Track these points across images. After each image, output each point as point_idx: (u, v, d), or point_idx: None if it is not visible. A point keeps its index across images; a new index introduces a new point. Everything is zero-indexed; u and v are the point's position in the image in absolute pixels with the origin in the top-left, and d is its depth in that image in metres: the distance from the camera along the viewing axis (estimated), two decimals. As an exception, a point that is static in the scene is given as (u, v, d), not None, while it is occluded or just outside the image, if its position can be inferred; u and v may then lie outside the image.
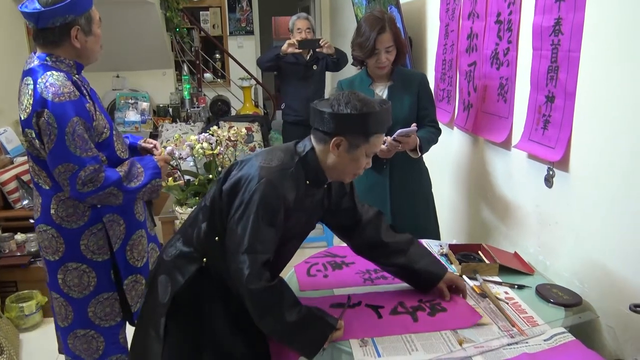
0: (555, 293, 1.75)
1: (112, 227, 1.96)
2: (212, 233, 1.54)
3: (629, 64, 1.55)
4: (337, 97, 1.47)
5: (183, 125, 4.98)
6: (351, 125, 1.45)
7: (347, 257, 2.04)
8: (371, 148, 1.51)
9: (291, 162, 1.51)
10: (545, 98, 1.96)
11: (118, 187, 1.85)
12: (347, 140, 1.47)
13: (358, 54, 2.36)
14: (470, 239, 2.73)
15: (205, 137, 2.99)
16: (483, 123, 2.51)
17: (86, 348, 2.04)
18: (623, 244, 1.61)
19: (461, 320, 1.60)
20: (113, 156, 1.93)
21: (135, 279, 2.06)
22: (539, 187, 2.05)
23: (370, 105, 1.47)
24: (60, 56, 1.84)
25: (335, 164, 1.52)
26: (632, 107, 1.54)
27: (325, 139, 1.49)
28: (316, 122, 1.50)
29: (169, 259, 1.62)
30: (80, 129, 1.77)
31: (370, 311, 1.65)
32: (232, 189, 1.50)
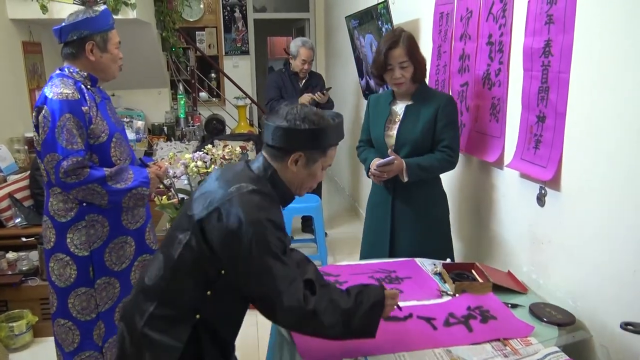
0: (549, 312, 1.75)
1: (93, 226, 2.09)
2: (203, 289, 1.44)
3: (618, 85, 1.57)
4: (291, 112, 1.44)
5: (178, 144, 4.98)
6: (309, 140, 1.44)
7: (340, 276, 2.04)
8: (327, 161, 1.51)
9: (265, 187, 1.46)
10: (536, 118, 1.99)
11: (101, 185, 1.99)
12: (305, 156, 1.46)
13: (373, 69, 2.39)
14: (464, 257, 2.73)
15: (200, 155, 2.98)
16: (476, 143, 2.53)
17: (64, 338, 2.16)
18: (615, 262, 1.61)
19: (515, 331, 1.64)
20: (106, 160, 2.07)
21: (109, 281, 2.16)
22: (531, 206, 2.06)
23: (325, 118, 1.47)
24: (77, 68, 2.08)
25: (292, 180, 1.50)
26: (621, 127, 1.56)
27: (281, 155, 1.46)
28: (271, 138, 1.45)
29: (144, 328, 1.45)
30: (71, 124, 1.94)
31: (424, 323, 1.68)
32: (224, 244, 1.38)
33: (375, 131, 2.46)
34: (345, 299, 1.44)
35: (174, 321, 1.44)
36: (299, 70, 4.16)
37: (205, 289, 1.44)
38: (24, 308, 3.06)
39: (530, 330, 1.63)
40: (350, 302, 1.43)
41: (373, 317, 1.45)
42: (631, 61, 1.52)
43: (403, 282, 2.00)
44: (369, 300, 1.45)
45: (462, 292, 1.89)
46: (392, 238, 2.42)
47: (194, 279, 1.43)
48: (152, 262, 1.53)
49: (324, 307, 1.38)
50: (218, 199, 1.40)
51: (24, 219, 3.24)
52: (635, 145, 1.50)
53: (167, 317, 1.44)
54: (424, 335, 1.61)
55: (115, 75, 2.19)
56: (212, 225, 1.38)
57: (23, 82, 3.87)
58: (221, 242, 1.37)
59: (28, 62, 3.96)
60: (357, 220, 5.16)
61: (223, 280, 1.43)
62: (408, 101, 2.39)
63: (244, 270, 1.37)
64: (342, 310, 1.40)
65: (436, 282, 2.00)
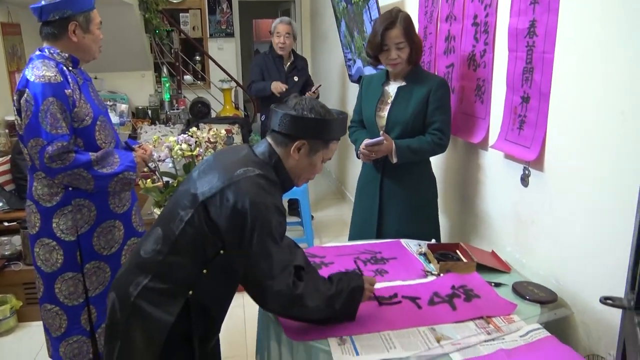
0: (531, 290, 1.77)
1: (80, 211, 2.07)
2: (200, 266, 1.47)
3: (601, 65, 1.58)
4: (300, 102, 1.51)
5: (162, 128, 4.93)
6: (314, 129, 1.50)
7: (326, 257, 2.05)
8: (328, 154, 1.57)
9: (270, 172, 1.50)
10: (520, 99, 1.99)
11: (87, 170, 1.96)
12: (308, 144, 1.50)
13: (368, 49, 2.37)
14: (449, 238, 2.75)
15: (184, 138, 2.96)
16: (461, 124, 2.53)
17: (51, 323, 2.15)
18: (597, 241, 1.63)
19: (498, 309, 1.66)
20: (92, 144, 2.04)
21: (99, 265, 2.15)
22: (515, 186, 2.08)
23: (331, 113, 1.54)
24: (58, 49, 2.03)
25: (292, 168, 1.54)
26: (604, 107, 1.57)
27: (286, 142, 1.51)
28: (277, 124, 1.50)
29: (136, 299, 1.47)
30: (54, 108, 1.90)
31: (409, 303, 1.70)
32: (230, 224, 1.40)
33: (367, 112, 2.46)
34: (328, 285, 1.53)
35: (167, 295, 1.47)
36: (275, 45, 4.12)
37: (202, 267, 1.47)
38: (7, 293, 3.04)
39: (513, 308, 1.66)
40: (332, 288, 1.51)
41: (353, 301, 1.56)
42: (615, 41, 1.52)
43: (388, 262, 2.02)
44: (349, 286, 1.54)
45: (446, 271, 1.91)
46: (380, 217, 2.44)
47: (191, 257, 1.46)
48: (149, 236, 1.54)
49: (310, 293, 1.46)
50: (224, 180, 1.44)
51: (6, 203, 3.20)
52: (618, 125, 1.52)
53: (161, 291, 1.47)
54: (408, 314, 1.63)
55: (95, 56, 2.15)
56: (218, 206, 1.41)
57: (2, 64, 3.79)
58: (227, 221, 1.41)
59: (7, 43, 3.87)
60: (343, 203, 5.18)
61: (220, 260, 1.47)
62: (401, 82, 2.39)
63: (245, 250, 1.41)
64: (325, 296, 1.49)
65: (421, 263, 2.01)
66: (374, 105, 2.41)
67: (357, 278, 1.58)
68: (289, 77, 4.16)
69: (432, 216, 2.50)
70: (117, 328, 1.51)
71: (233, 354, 2.72)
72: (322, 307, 1.49)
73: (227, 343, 2.07)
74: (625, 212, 1.42)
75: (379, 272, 1.92)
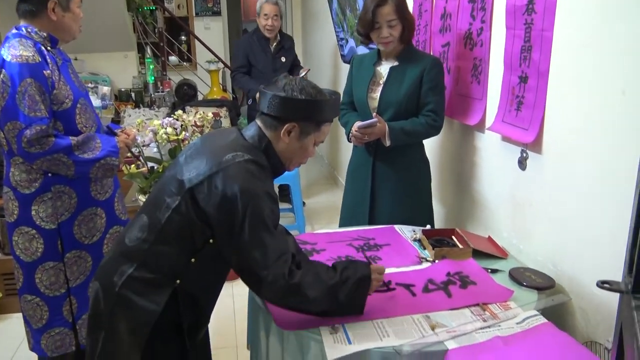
0: (528, 276, 1.79)
1: (60, 198, 2.05)
2: (187, 255, 1.46)
3: (602, 43, 1.58)
4: (290, 83, 1.48)
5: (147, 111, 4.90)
6: (304, 111, 1.48)
7: (317, 244, 2.05)
8: (320, 136, 1.54)
9: (260, 157, 1.48)
10: (518, 79, 1.99)
11: (67, 155, 1.94)
12: (299, 127, 1.49)
13: (359, 27, 2.36)
14: (445, 223, 2.77)
15: (170, 121, 2.94)
16: (457, 105, 2.53)
17: (31, 315, 2.13)
18: (595, 226, 1.65)
19: (494, 295, 1.67)
20: (72, 128, 2.01)
21: (80, 254, 2.14)
22: (512, 170, 2.09)
23: (323, 93, 1.51)
24: (36, 27, 1.99)
25: (283, 152, 1.52)
26: (604, 87, 1.58)
27: (275, 125, 1.49)
28: (267, 106, 1.48)
29: (121, 289, 1.46)
30: (32, 90, 1.87)
31: (403, 290, 1.70)
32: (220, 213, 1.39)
33: (358, 93, 2.45)
34: (332, 274, 1.48)
35: (154, 285, 1.46)
36: (262, 27, 4.07)
37: (190, 256, 1.46)
38: (-14, 283, 3.03)
39: (509, 295, 1.68)
40: (336, 277, 1.47)
41: (360, 293, 1.51)
42: (616, 18, 1.52)
43: (382, 249, 2.03)
44: (355, 276, 1.49)
45: (441, 258, 1.92)
46: (372, 202, 2.44)
47: (179, 245, 1.46)
48: (134, 223, 1.53)
49: (309, 282, 1.43)
50: (212, 166, 1.42)
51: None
52: (618, 106, 1.52)
53: (147, 280, 1.46)
54: (402, 301, 1.64)
55: (75, 36, 2.12)
56: (206, 194, 1.40)
57: (-24, 44, 3.74)
58: (216, 210, 1.39)
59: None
60: (336, 188, 5.18)
61: (209, 249, 1.46)
62: (393, 62, 2.38)
63: (236, 240, 1.39)
64: (327, 285, 1.45)
65: (415, 249, 2.02)
66: (366, 86, 2.40)
67: (364, 267, 1.53)
68: (275, 58, 4.13)
69: (426, 201, 2.51)
70: (101, 319, 1.50)
71: (223, 344, 2.73)
72: (323, 298, 1.44)
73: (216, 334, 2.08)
74: (624, 194, 1.43)
75: (372, 259, 1.93)
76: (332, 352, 1.40)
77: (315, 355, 1.46)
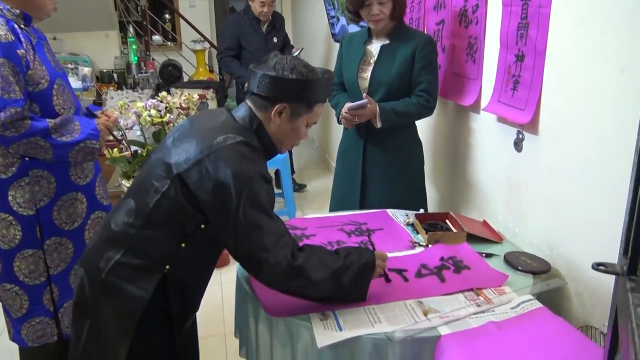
0: (524, 261, 1.80)
1: (38, 182, 2.01)
2: (177, 241, 1.46)
3: (600, 19, 1.58)
4: (280, 62, 1.47)
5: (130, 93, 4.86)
6: (296, 91, 1.46)
7: (307, 229, 2.05)
8: (313, 118, 1.54)
9: (252, 139, 1.47)
10: (515, 57, 1.99)
11: (44, 138, 1.90)
12: (290, 108, 1.48)
13: (348, 4, 2.34)
14: (438, 207, 2.78)
15: (153, 103, 2.93)
16: (451, 85, 2.53)
17: (11, 304, 2.11)
18: (592, 208, 1.66)
19: (489, 280, 1.69)
20: (49, 110, 1.97)
21: (60, 241, 2.11)
22: (508, 151, 2.10)
23: (315, 72, 1.50)
24: (7, 4, 1.91)
25: (274, 133, 1.52)
26: (602, 65, 1.58)
27: (266, 105, 1.48)
28: (256, 86, 1.47)
29: (108, 275, 1.46)
30: (5, 70, 1.83)
31: (396, 275, 1.71)
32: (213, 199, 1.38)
33: (348, 73, 2.43)
34: (335, 258, 1.49)
35: (142, 271, 1.46)
36: (258, 13, 4.03)
37: (180, 241, 1.46)
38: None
39: (504, 279, 1.69)
40: (339, 261, 1.48)
41: (363, 279, 1.52)
42: (614, -7, 1.52)
43: (374, 234, 2.03)
44: (360, 261, 1.50)
45: (435, 242, 1.93)
46: (364, 185, 2.45)
47: (168, 230, 1.45)
48: (120, 207, 1.53)
49: (313, 264, 1.43)
50: (203, 149, 1.41)
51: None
52: (616, 85, 1.52)
53: (135, 266, 1.46)
54: (394, 287, 1.65)
55: (50, 13, 2.07)
56: (197, 178, 1.39)
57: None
58: (208, 195, 1.39)
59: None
60: (328, 173, 5.19)
61: (200, 234, 1.46)
62: (384, 40, 2.36)
63: (232, 225, 1.39)
64: (331, 269, 1.45)
65: (408, 233, 2.03)
66: (356, 66, 2.39)
67: (368, 253, 1.54)
68: (267, 39, 4.10)
69: (419, 184, 2.51)
70: (86, 306, 1.50)
71: (210, 332, 2.75)
72: (327, 282, 1.44)
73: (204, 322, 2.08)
74: (622, 175, 1.44)
75: (364, 244, 1.94)
76: (322, 339, 1.41)
77: (306, 342, 1.47)
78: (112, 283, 1.46)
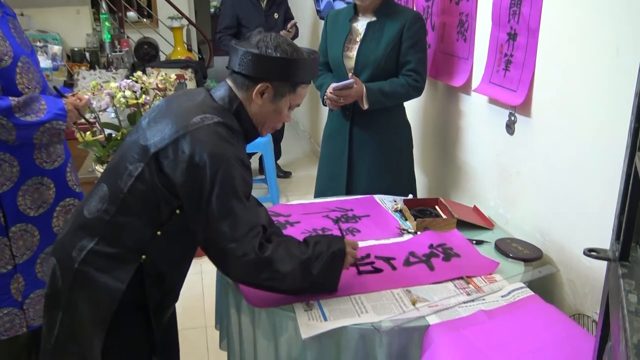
0: (515, 247, 1.83)
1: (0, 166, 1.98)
2: (153, 228, 1.46)
3: (595, -4, 1.58)
4: (264, 39, 1.46)
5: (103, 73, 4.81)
6: (279, 70, 1.46)
7: (291, 216, 2.06)
8: (296, 99, 1.53)
9: (231, 120, 1.47)
10: (507, 35, 1.99)
11: (7, 117, 1.88)
12: (273, 88, 1.47)
13: None
14: (428, 193, 2.80)
15: (128, 84, 2.89)
16: (441, 65, 2.53)
17: None
18: (586, 193, 1.68)
19: (479, 268, 1.70)
20: (12, 88, 1.94)
21: (26, 228, 2.09)
22: (500, 134, 2.11)
23: (300, 52, 1.49)
24: None
25: (256, 114, 1.51)
26: (597, 44, 1.59)
27: (247, 84, 1.47)
28: (238, 64, 1.46)
29: (81, 265, 1.45)
30: None
31: (383, 263, 1.72)
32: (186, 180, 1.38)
33: (333, 52, 2.42)
34: (304, 248, 1.49)
35: (117, 260, 1.46)
36: None
37: (156, 229, 1.46)
38: None
39: (494, 267, 1.71)
40: (308, 251, 1.48)
41: (334, 268, 1.52)
42: (610, -32, 1.52)
43: (360, 220, 2.04)
44: (329, 249, 1.50)
45: (424, 229, 1.94)
46: (350, 170, 2.45)
47: (143, 217, 1.45)
48: (93, 193, 1.52)
49: (281, 256, 1.43)
50: (179, 129, 1.40)
51: None
52: (611, 66, 1.53)
53: (109, 255, 1.45)
54: (382, 276, 1.66)
55: None
56: (172, 159, 1.39)
57: None
58: (182, 177, 1.38)
59: None
60: (314, 158, 5.18)
61: (176, 221, 1.45)
62: (371, 17, 2.36)
63: (204, 210, 1.38)
64: (300, 259, 1.45)
65: (396, 220, 2.04)
66: (341, 44, 2.38)
67: (338, 241, 1.54)
68: (268, 15, 4.05)
69: (407, 168, 2.53)
70: (59, 297, 1.50)
71: (191, 325, 2.75)
72: (296, 273, 1.44)
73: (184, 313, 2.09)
74: (617, 159, 1.45)
75: (350, 231, 1.95)
76: (306, 330, 1.42)
77: (289, 333, 1.48)
78: (86, 273, 1.45)
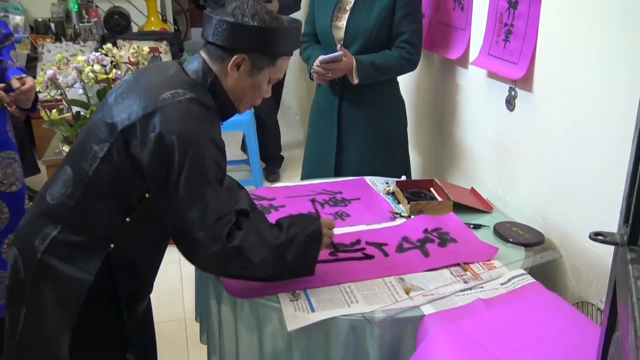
0: (515, 232, 1.83)
1: None
2: (121, 214, 1.45)
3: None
4: (240, 6, 1.43)
5: (70, 46, 4.77)
6: (256, 40, 1.43)
7: (275, 200, 2.05)
8: (276, 73, 1.51)
9: (205, 96, 1.44)
10: (507, 3, 1.98)
11: None
12: (250, 60, 1.45)
13: None
14: (422, 174, 2.80)
15: (97, 57, 2.85)
16: (437, 36, 2.52)
17: None
18: (591, 173, 1.68)
19: (477, 254, 1.70)
20: None
21: None
22: (499, 111, 2.10)
23: (280, 20, 1.47)
24: None
25: (232, 89, 1.49)
26: (602, 15, 1.58)
27: (222, 56, 1.45)
28: (212, 34, 1.43)
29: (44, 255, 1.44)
30: None
31: (375, 250, 1.71)
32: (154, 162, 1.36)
33: (321, 21, 2.40)
34: (276, 232, 1.48)
35: (83, 249, 1.44)
36: None
37: (124, 214, 1.45)
38: None
39: (493, 253, 1.71)
40: (282, 236, 1.47)
41: (310, 252, 1.51)
42: None
43: (350, 204, 2.04)
44: (304, 232, 1.49)
45: (418, 213, 1.94)
46: (339, 150, 2.44)
47: (111, 201, 1.43)
48: (56, 177, 1.49)
49: (252, 243, 1.41)
50: (147, 105, 1.38)
51: None
52: (615, 36, 1.53)
53: (75, 244, 1.44)
54: (373, 263, 1.66)
55: None
56: (139, 138, 1.37)
57: None
58: (150, 158, 1.36)
59: None
60: (300, 137, 5.16)
61: (146, 205, 1.44)
62: None
63: (172, 194, 1.36)
64: (273, 245, 1.44)
65: (388, 203, 2.04)
66: (330, 13, 2.36)
67: (312, 221, 1.53)
68: None
69: (401, 148, 2.52)
70: (22, 291, 1.48)
71: (168, 317, 2.74)
72: (269, 261, 1.43)
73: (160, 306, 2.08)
74: (623, 136, 1.45)
75: (339, 215, 1.94)
76: (292, 322, 1.42)
77: (274, 325, 1.47)
78: (49, 264, 1.43)
